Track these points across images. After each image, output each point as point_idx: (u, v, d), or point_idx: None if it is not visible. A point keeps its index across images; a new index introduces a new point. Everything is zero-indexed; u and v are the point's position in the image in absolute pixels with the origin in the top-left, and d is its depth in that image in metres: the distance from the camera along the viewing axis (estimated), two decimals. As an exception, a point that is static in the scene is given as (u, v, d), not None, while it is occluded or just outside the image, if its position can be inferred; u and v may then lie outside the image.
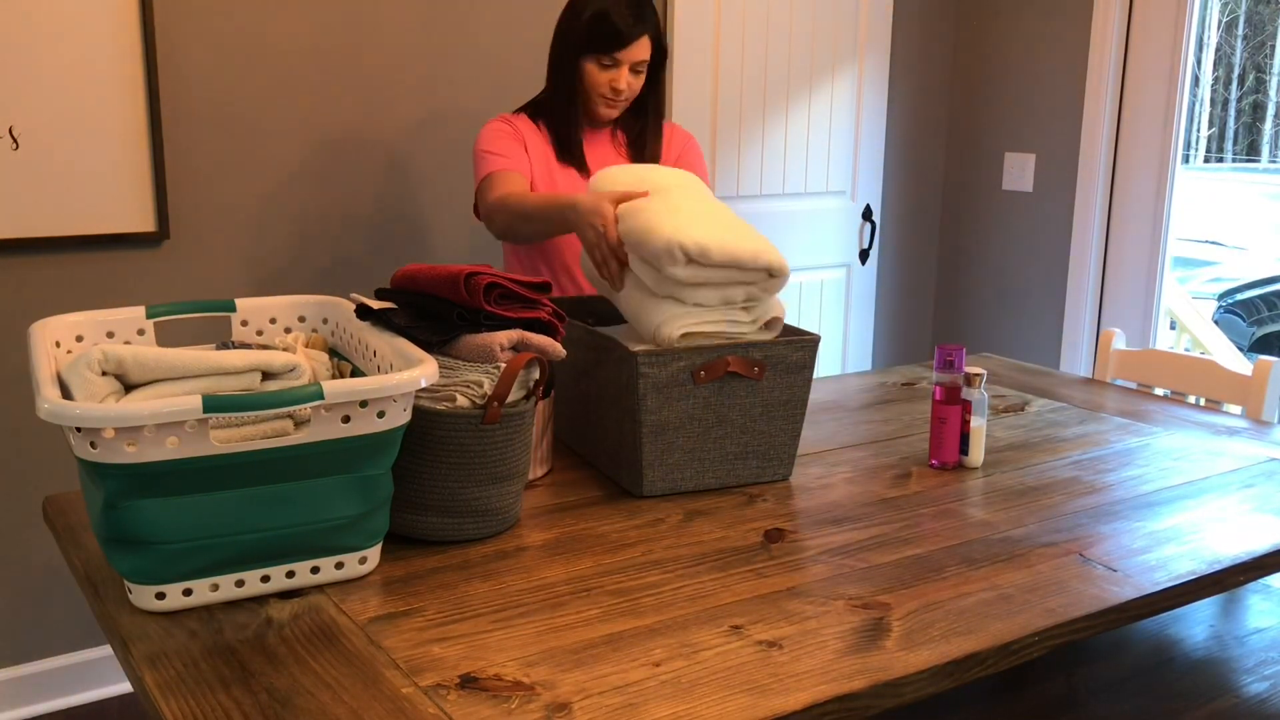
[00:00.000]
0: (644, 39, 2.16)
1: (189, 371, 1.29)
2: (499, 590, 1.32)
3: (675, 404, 1.60)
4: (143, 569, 1.22)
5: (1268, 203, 7.12)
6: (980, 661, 1.21)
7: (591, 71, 2.18)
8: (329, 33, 2.72)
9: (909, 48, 3.80)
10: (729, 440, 1.66)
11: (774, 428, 1.68)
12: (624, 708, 1.07)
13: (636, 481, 1.63)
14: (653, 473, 1.62)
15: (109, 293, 2.55)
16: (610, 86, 2.18)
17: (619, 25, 2.13)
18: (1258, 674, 1.72)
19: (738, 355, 1.62)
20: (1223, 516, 1.61)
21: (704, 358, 1.60)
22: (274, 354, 1.34)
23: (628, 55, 2.16)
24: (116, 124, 2.48)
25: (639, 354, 1.56)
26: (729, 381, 1.63)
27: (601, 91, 2.19)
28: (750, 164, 3.46)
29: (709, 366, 1.60)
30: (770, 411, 1.67)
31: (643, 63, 2.19)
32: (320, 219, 2.78)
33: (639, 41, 2.16)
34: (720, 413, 1.64)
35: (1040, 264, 3.75)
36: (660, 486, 1.63)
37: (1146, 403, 2.23)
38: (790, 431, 1.69)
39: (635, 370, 1.57)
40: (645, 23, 2.16)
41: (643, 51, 2.18)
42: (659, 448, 1.61)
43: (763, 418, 1.67)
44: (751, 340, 1.65)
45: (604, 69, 2.17)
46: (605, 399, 1.67)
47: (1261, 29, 6.81)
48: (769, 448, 1.69)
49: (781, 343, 1.65)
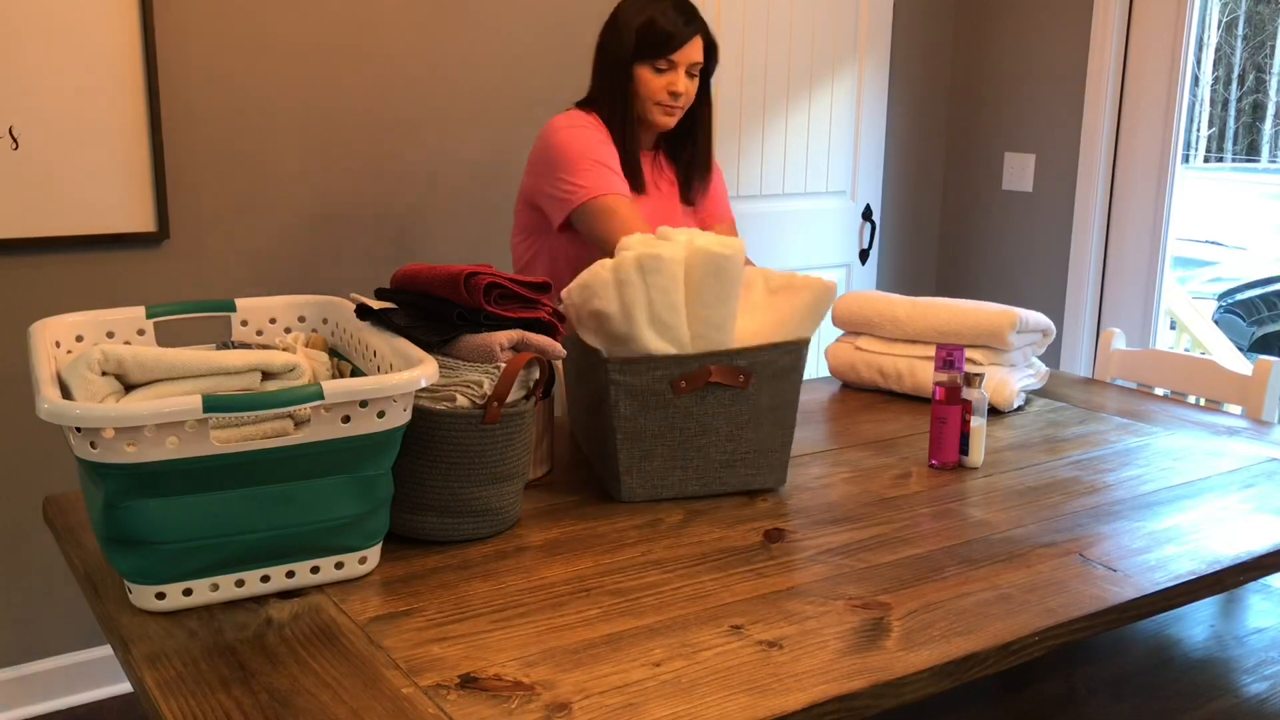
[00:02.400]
0: (697, 39, 2.14)
1: (189, 371, 1.29)
2: (499, 590, 1.32)
3: (653, 411, 1.56)
4: (143, 569, 1.22)
5: (1268, 203, 7.12)
6: (980, 661, 1.21)
7: (646, 78, 2.13)
8: (330, 32, 2.72)
9: (909, 48, 3.80)
10: (714, 448, 1.61)
11: (762, 435, 1.63)
12: (624, 708, 1.07)
13: (615, 487, 1.61)
14: (630, 479, 1.59)
15: (109, 293, 2.55)
16: (668, 91, 2.13)
17: (670, 28, 2.11)
18: (1258, 674, 1.72)
19: (721, 364, 1.57)
20: (1223, 516, 1.61)
21: (684, 367, 1.56)
22: (274, 354, 1.34)
23: (683, 57, 2.12)
24: (116, 124, 2.48)
25: (610, 362, 1.54)
26: (712, 389, 1.59)
27: (659, 99, 2.14)
28: (750, 164, 3.46)
29: (690, 377, 1.56)
30: (758, 418, 1.62)
31: (697, 65, 2.16)
32: (320, 219, 2.78)
33: (693, 42, 2.13)
34: (703, 421, 1.59)
35: (1040, 264, 3.75)
36: (640, 493, 1.60)
37: (1146, 403, 2.23)
38: (780, 438, 1.64)
39: (607, 377, 1.55)
40: (695, 23, 2.14)
41: (697, 53, 2.14)
42: (635, 454, 1.58)
43: (750, 425, 1.61)
44: (735, 349, 1.59)
45: (660, 74, 2.13)
46: (592, 402, 1.66)
47: (1261, 29, 6.81)
48: (757, 455, 1.63)
49: (767, 348, 1.60)
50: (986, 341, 2.07)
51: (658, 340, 1.56)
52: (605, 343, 1.58)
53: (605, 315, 1.55)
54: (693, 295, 1.57)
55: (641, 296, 1.54)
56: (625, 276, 1.54)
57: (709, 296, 1.57)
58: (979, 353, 2.08)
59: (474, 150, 2.97)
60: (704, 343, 1.58)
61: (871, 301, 2.22)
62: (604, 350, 1.57)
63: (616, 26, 2.17)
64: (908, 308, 2.16)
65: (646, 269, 1.54)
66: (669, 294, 1.55)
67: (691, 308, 1.57)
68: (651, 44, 2.11)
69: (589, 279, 1.57)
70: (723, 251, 1.56)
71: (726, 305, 1.58)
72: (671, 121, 2.19)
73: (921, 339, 2.15)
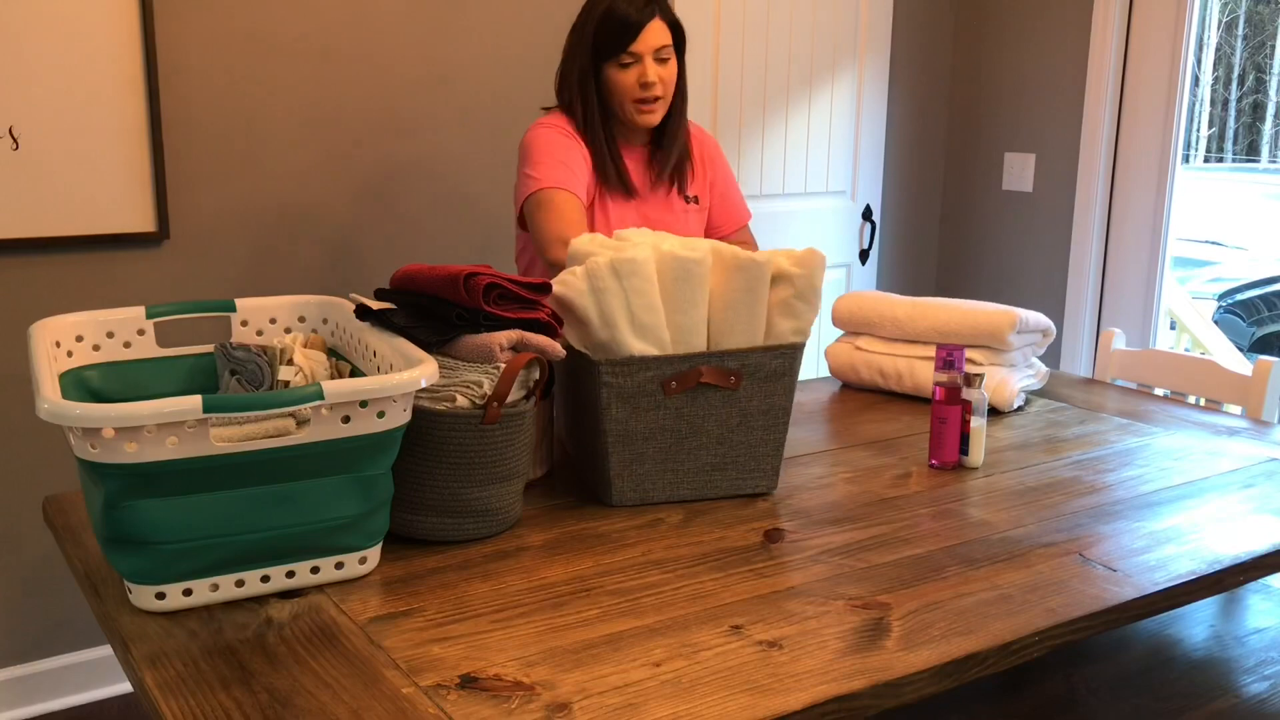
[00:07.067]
0: (655, 21, 2.06)
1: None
2: (499, 590, 1.32)
3: (644, 414, 1.56)
4: (143, 569, 1.22)
5: (1268, 203, 7.12)
6: (980, 661, 1.21)
7: (615, 77, 2.08)
8: (330, 32, 2.72)
9: (909, 48, 3.80)
10: (705, 451, 1.60)
11: (754, 438, 1.62)
12: (624, 708, 1.07)
13: (606, 491, 1.60)
14: (621, 483, 1.58)
15: (109, 293, 2.55)
16: (639, 84, 2.06)
17: (627, 15, 2.04)
18: (1258, 674, 1.72)
19: (712, 365, 1.57)
20: (1223, 516, 1.61)
21: (674, 368, 1.55)
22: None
23: (645, 44, 2.05)
24: (116, 124, 2.48)
25: (602, 364, 1.53)
26: (703, 391, 1.58)
27: (633, 96, 2.08)
28: (750, 164, 3.46)
29: (680, 377, 1.56)
30: (749, 421, 1.61)
31: (665, 48, 2.08)
32: (320, 219, 2.78)
33: (651, 25, 2.05)
34: (694, 423, 1.58)
35: (1040, 264, 3.75)
36: (630, 497, 1.59)
37: (1146, 403, 2.23)
38: (772, 442, 1.63)
39: (599, 380, 1.54)
40: (652, 3, 2.07)
41: (660, 36, 2.07)
42: (626, 458, 1.57)
43: (741, 428, 1.60)
44: (727, 349, 1.59)
45: (625, 68, 2.07)
46: (581, 405, 1.64)
47: (1261, 29, 6.80)
48: (748, 459, 1.62)
49: (759, 350, 1.59)
50: (986, 342, 2.07)
51: (640, 343, 1.55)
52: (587, 349, 1.59)
53: (584, 324, 1.55)
54: (664, 300, 1.57)
55: (620, 301, 1.54)
56: (602, 284, 1.53)
57: (680, 301, 1.57)
58: (979, 353, 2.08)
59: (474, 150, 2.97)
60: (681, 347, 1.58)
61: (871, 301, 2.22)
62: (590, 354, 1.57)
63: (577, 28, 2.13)
64: (908, 308, 2.16)
65: (622, 273, 1.54)
66: (646, 295, 1.55)
67: (665, 312, 1.58)
68: (611, 38, 2.06)
69: (563, 291, 1.56)
70: (690, 255, 1.56)
71: (698, 309, 1.58)
72: (654, 118, 2.13)
73: (921, 339, 2.15)
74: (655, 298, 1.56)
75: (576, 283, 1.55)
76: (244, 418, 1.32)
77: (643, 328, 1.55)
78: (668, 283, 1.57)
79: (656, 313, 1.56)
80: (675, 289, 1.57)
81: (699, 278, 1.57)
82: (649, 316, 1.55)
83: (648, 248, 1.60)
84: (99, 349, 1.52)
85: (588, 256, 1.59)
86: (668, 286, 1.57)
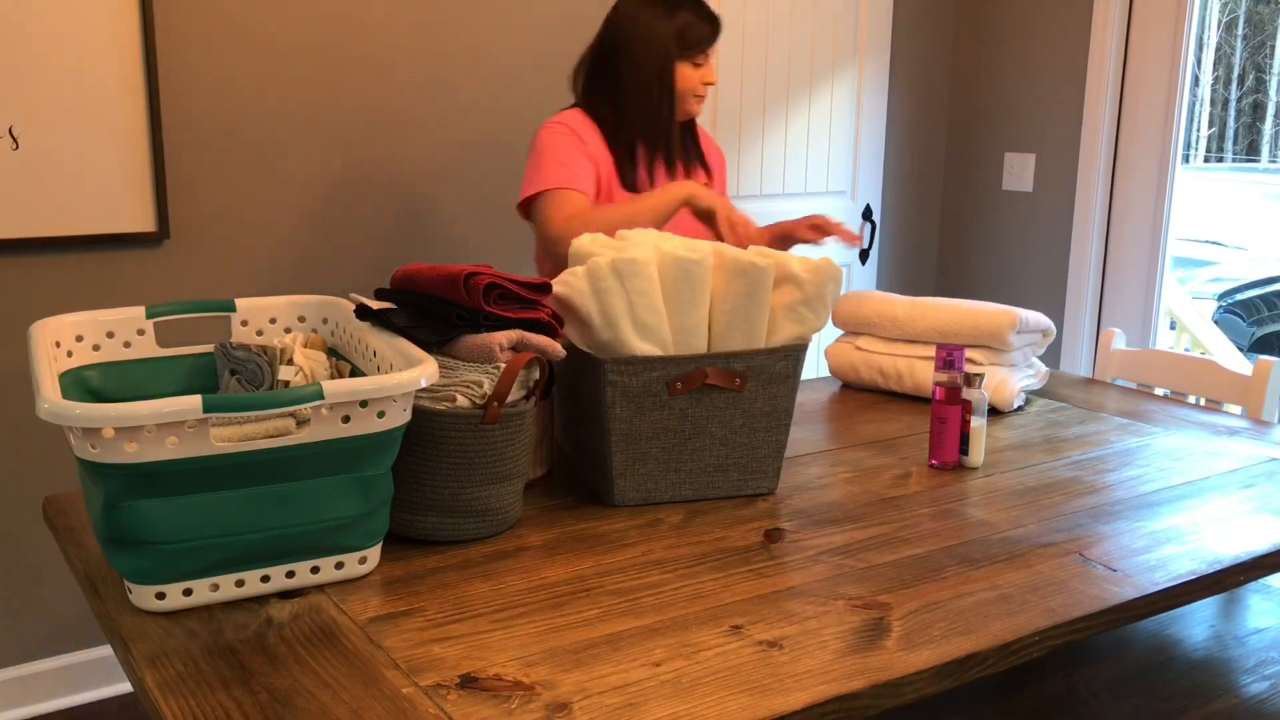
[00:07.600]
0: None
1: None
2: (499, 590, 1.32)
3: (648, 414, 1.56)
4: (143, 569, 1.22)
5: (1268, 203, 7.12)
6: (980, 661, 1.21)
7: (687, 73, 2.23)
8: (330, 32, 2.72)
9: (909, 48, 3.80)
10: (707, 452, 1.60)
11: (756, 440, 1.62)
12: (624, 708, 1.07)
13: (609, 491, 1.60)
14: (624, 482, 1.58)
15: (109, 293, 2.55)
16: (703, 82, 2.25)
17: (713, 18, 2.22)
18: (1258, 674, 1.72)
19: (717, 366, 1.57)
20: (1223, 516, 1.61)
21: (679, 369, 1.55)
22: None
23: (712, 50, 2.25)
24: (116, 124, 2.48)
25: (607, 363, 1.53)
26: (707, 391, 1.58)
27: (697, 91, 2.26)
28: (750, 164, 3.46)
29: (685, 378, 1.56)
30: (752, 423, 1.61)
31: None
32: (320, 219, 2.78)
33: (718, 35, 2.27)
34: (698, 424, 1.58)
35: (1040, 264, 3.75)
36: (633, 497, 1.59)
37: (1146, 403, 2.23)
38: (774, 444, 1.63)
39: (603, 378, 1.54)
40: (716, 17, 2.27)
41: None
42: (629, 457, 1.57)
43: (744, 429, 1.61)
44: (732, 351, 1.59)
45: (697, 67, 2.24)
46: (582, 405, 1.65)
47: (1261, 29, 6.80)
48: (751, 460, 1.63)
49: (764, 352, 1.59)
50: (986, 341, 2.07)
51: (642, 343, 1.55)
52: (589, 349, 1.59)
53: (586, 324, 1.55)
54: (665, 301, 1.57)
55: (622, 302, 1.54)
56: (603, 285, 1.53)
57: (680, 302, 1.57)
58: (979, 353, 2.08)
59: (474, 150, 2.97)
60: (682, 348, 1.58)
61: (871, 301, 2.22)
62: (593, 353, 1.57)
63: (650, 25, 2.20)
64: (907, 308, 2.16)
65: (623, 273, 1.54)
66: (648, 296, 1.55)
67: (666, 313, 1.58)
68: (700, 38, 2.22)
69: (565, 291, 1.56)
70: (691, 256, 1.56)
71: (699, 310, 1.58)
72: (701, 109, 2.31)
73: (921, 339, 2.15)
74: (657, 298, 1.56)
75: (578, 283, 1.55)
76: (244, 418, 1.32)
77: (645, 328, 1.55)
78: (669, 283, 1.57)
79: (658, 313, 1.56)
80: (676, 290, 1.57)
81: (700, 279, 1.57)
82: (651, 317, 1.55)
83: (649, 248, 1.60)
84: (99, 349, 1.52)
85: (589, 256, 1.59)
86: (668, 287, 1.57)
